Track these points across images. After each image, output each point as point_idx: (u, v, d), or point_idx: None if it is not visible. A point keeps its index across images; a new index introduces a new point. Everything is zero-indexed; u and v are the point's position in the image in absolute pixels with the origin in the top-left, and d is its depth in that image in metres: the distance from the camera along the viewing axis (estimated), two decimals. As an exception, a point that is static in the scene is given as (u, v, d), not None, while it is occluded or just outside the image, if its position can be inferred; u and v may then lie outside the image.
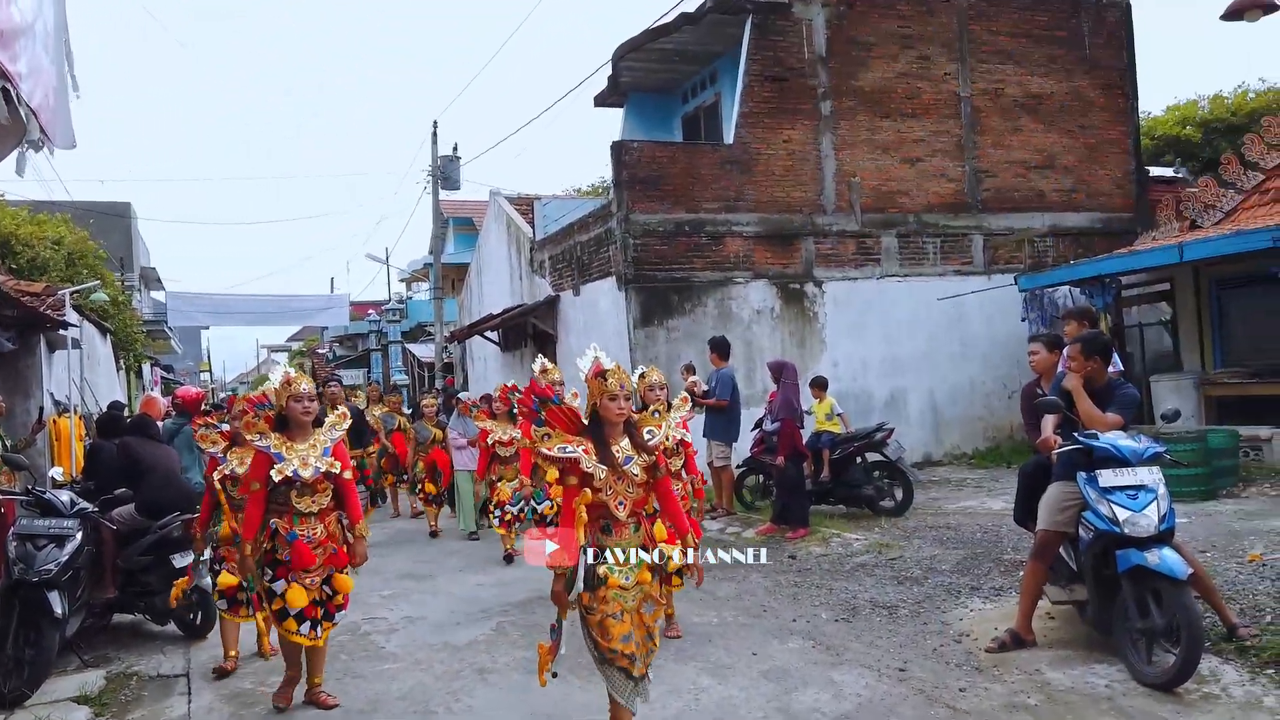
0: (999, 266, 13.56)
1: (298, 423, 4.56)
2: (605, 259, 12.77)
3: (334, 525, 4.65)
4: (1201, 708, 4.07)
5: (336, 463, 4.58)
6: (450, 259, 27.46)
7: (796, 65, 12.85)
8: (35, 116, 3.66)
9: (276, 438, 4.52)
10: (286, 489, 4.48)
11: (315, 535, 4.54)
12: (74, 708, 4.96)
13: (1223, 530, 7.25)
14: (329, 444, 4.62)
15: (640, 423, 3.89)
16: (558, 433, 3.75)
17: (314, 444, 4.57)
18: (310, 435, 4.59)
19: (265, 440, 4.49)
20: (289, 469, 4.43)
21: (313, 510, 4.55)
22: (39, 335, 10.11)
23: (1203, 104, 20.45)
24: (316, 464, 4.51)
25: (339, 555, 4.63)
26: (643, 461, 3.73)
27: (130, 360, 19.36)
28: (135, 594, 6.31)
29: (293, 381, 4.61)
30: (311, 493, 4.54)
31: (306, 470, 4.46)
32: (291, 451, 4.49)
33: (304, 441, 4.56)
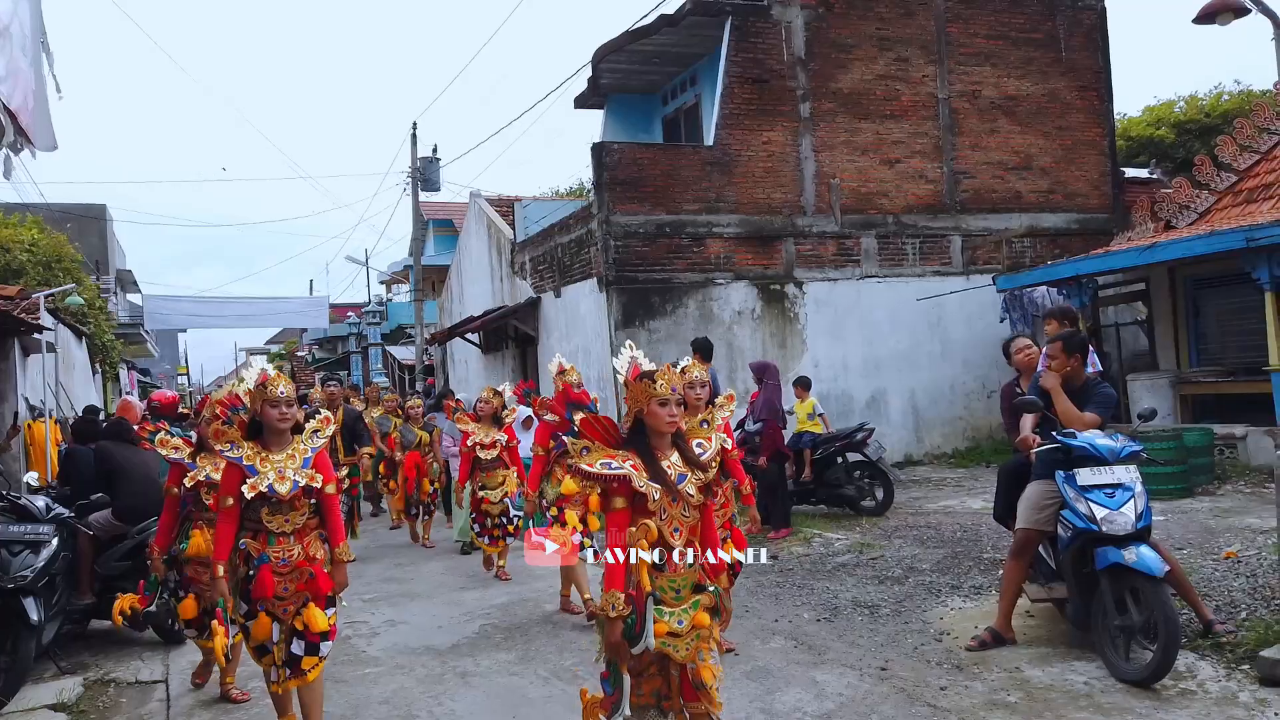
0: (977, 267, 13.66)
1: (274, 430, 4.02)
2: (586, 260, 12.77)
3: (314, 546, 4.08)
4: (1178, 703, 4.12)
5: (318, 475, 4.04)
6: (430, 261, 27.38)
7: (776, 67, 12.90)
8: (14, 119, 3.62)
9: (250, 447, 4.00)
10: (259, 505, 3.95)
11: (291, 558, 3.98)
12: (51, 715, 4.91)
13: (1198, 527, 7.34)
14: (309, 454, 4.07)
15: (689, 433, 3.40)
16: (597, 446, 3.20)
17: (292, 454, 4.02)
18: (288, 444, 4.05)
19: (237, 450, 3.98)
20: (263, 484, 3.91)
21: (288, 530, 4.00)
22: (13, 340, 10.01)
23: (1178, 105, 20.69)
24: (295, 477, 3.98)
25: (318, 581, 4.03)
26: (697, 480, 3.24)
27: (107, 365, 19.16)
28: (113, 600, 6.24)
29: (269, 383, 4.01)
30: (287, 510, 4.00)
31: (283, 485, 3.93)
32: (267, 463, 3.97)
33: (281, 451, 4.03)
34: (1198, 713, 4.00)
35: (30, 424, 9.92)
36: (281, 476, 3.96)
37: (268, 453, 4.01)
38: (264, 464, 3.97)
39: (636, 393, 3.25)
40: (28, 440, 9.74)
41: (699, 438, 3.40)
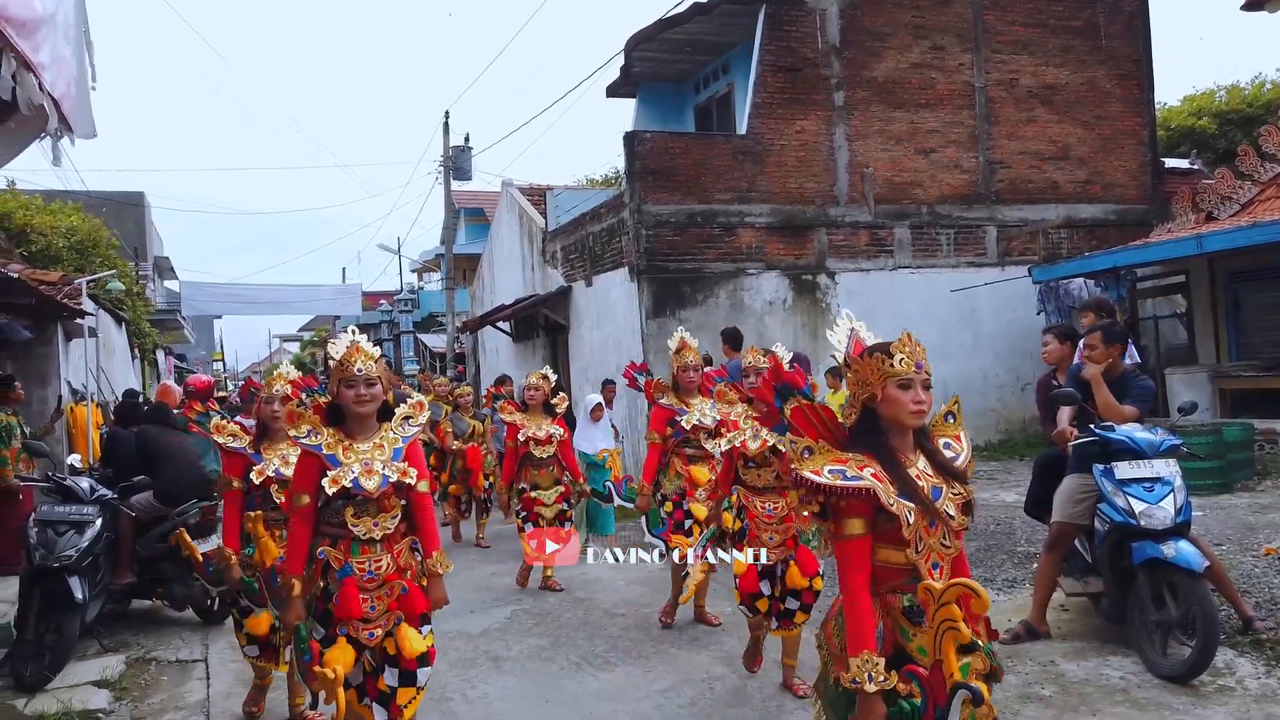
0: (1012, 258, 13.50)
1: (355, 415, 3.37)
2: (617, 249, 12.77)
3: (405, 556, 3.44)
4: (1217, 700, 4.07)
5: (410, 470, 3.37)
6: (462, 249, 27.51)
7: (810, 56, 12.80)
8: (58, 106, 3.68)
9: (330, 434, 3.36)
10: (342, 505, 3.33)
11: (379, 570, 3.33)
12: (95, 691, 5.03)
13: (1238, 523, 7.23)
14: (400, 444, 3.43)
15: (934, 431, 2.63)
16: (822, 447, 2.47)
17: (380, 444, 3.40)
18: (374, 432, 3.43)
19: (315, 437, 3.33)
20: (346, 477, 3.28)
21: (376, 536, 3.34)
22: (56, 324, 10.19)
23: (1219, 95, 20.31)
24: (384, 471, 3.33)
25: (411, 597, 3.39)
26: (956, 496, 2.49)
27: (145, 349, 19.48)
28: (153, 580, 6.38)
29: (348, 359, 3.34)
30: (375, 511, 3.35)
31: (370, 480, 3.29)
32: (350, 454, 3.34)
33: (366, 441, 3.39)
34: (1236, 710, 3.96)
35: (72, 407, 10.12)
36: (368, 470, 3.32)
37: (351, 441, 3.38)
38: (347, 454, 3.34)
39: (864, 373, 2.51)
40: (70, 423, 9.93)
41: (945, 435, 2.65)
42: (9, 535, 7.59)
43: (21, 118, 3.75)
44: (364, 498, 3.31)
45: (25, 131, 4.02)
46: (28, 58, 3.35)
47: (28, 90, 3.36)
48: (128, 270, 17.97)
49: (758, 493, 4.52)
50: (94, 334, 11.28)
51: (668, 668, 4.99)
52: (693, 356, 5.64)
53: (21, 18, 3.31)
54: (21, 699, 4.89)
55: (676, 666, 4.90)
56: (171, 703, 4.96)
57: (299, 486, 3.37)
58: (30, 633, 5.20)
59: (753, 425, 4.37)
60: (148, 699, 5.02)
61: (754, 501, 4.50)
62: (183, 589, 6.35)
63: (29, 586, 5.35)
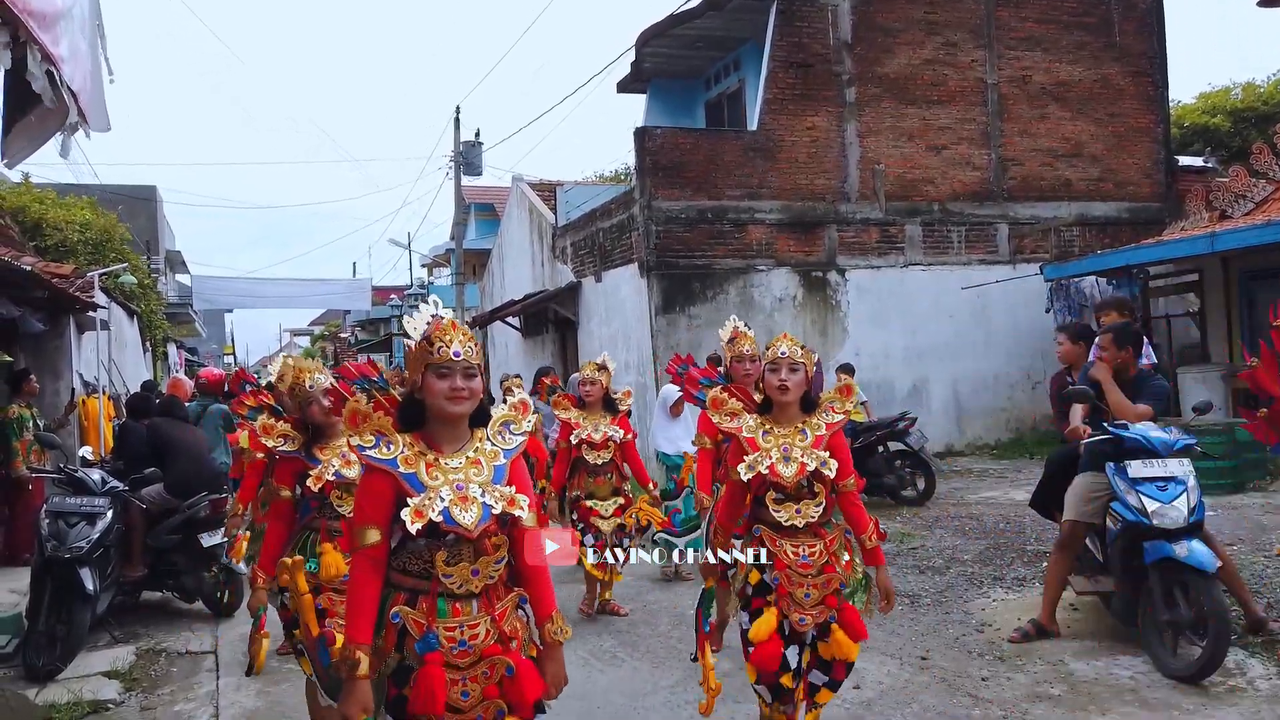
0: (1024, 256, 13.45)
1: (443, 417, 2.42)
2: (627, 245, 12.77)
3: (511, 619, 2.48)
4: (1227, 700, 4.05)
5: (520, 499, 2.44)
6: (472, 245, 27.54)
7: (821, 51, 12.76)
8: (76, 99, 3.70)
9: (407, 443, 2.41)
10: (426, 546, 2.35)
11: (476, 640, 2.37)
12: (105, 682, 5.05)
13: (1250, 524, 7.20)
14: (502, 459, 2.49)
15: None
16: None
17: (476, 458, 2.45)
18: (467, 442, 2.48)
19: (388, 448, 2.39)
20: (434, 508, 2.32)
21: (474, 589, 2.39)
22: (68, 317, 10.24)
23: (1234, 93, 20.17)
24: (485, 499, 2.39)
25: (520, 681, 2.41)
26: None
27: (157, 342, 19.58)
28: (164, 572, 6.41)
29: (440, 338, 2.41)
30: (473, 555, 2.39)
31: (467, 512, 2.35)
32: (437, 473, 2.38)
33: (457, 454, 2.44)
34: (1247, 710, 3.93)
35: (84, 399, 10.17)
36: (463, 497, 2.36)
37: (436, 455, 2.42)
38: (432, 473, 2.38)
39: None
40: (82, 415, 9.98)
41: None
42: (21, 527, 7.65)
43: (43, 111, 3.77)
44: (457, 536, 2.35)
45: (46, 125, 4.04)
46: (49, 51, 3.37)
47: (49, 83, 3.39)
48: (140, 264, 18.06)
49: (789, 534, 3.23)
50: (106, 327, 11.34)
51: (676, 664, 4.99)
52: (749, 345, 4.81)
53: (42, 11, 3.33)
54: (33, 689, 4.92)
55: (685, 663, 4.89)
56: (181, 694, 4.98)
57: (365, 517, 2.37)
58: (42, 623, 5.23)
59: (780, 442, 3.24)
60: (158, 690, 5.05)
61: (784, 547, 3.22)
62: (193, 581, 6.38)
63: (40, 577, 5.39)
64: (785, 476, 3.20)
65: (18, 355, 9.28)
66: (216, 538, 6.32)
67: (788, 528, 3.24)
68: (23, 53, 3.19)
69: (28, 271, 8.12)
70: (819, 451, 3.23)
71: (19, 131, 4.06)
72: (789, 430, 3.27)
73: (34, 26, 3.15)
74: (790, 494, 3.24)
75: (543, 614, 2.53)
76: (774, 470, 3.20)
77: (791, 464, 3.21)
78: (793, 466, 3.20)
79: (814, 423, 3.30)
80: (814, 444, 3.25)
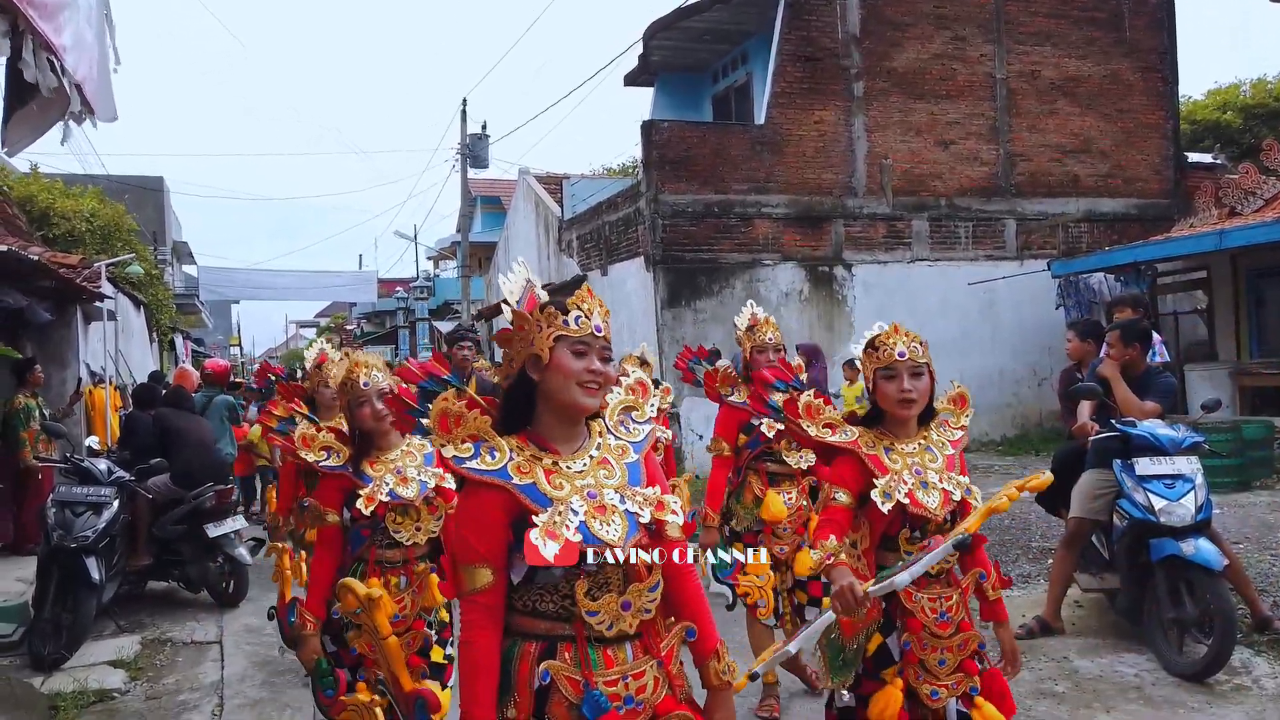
0: (1031, 252, 13.40)
1: (569, 410, 1.89)
2: (633, 239, 12.75)
3: (676, 669, 1.99)
4: (1232, 699, 4.04)
5: (669, 499, 1.94)
6: (478, 237, 27.54)
7: (829, 45, 12.72)
8: (79, 89, 3.70)
9: (516, 446, 1.88)
10: (563, 577, 1.82)
11: (644, 693, 1.88)
12: (110, 671, 5.07)
13: (1256, 522, 7.17)
14: (633, 456, 1.98)
15: None
16: None
17: (603, 456, 1.93)
18: (587, 440, 1.96)
19: (492, 456, 1.85)
20: (569, 525, 1.80)
21: (626, 627, 1.88)
22: (75, 307, 10.26)
23: (1244, 89, 20.08)
24: (627, 506, 1.87)
25: None
26: None
27: (163, 333, 19.62)
28: (169, 562, 6.43)
29: (574, 305, 1.88)
30: (621, 581, 1.88)
31: (609, 526, 1.83)
32: (560, 479, 1.86)
33: (578, 453, 1.92)
34: (1252, 709, 3.92)
35: (91, 389, 10.19)
36: (600, 507, 1.84)
37: (554, 457, 1.88)
38: (555, 481, 1.85)
39: None
40: (88, 405, 10.00)
41: None
42: (30, 516, 7.67)
43: (43, 100, 3.77)
44: (600, 560, 1.81)
45: (48, 114, 4.04)
46: (50, 40, 3.37)
47: (47, 73, 3.38)
48: (147, 254, 18.08)
49: (923, 583, 2.51)
50: (113, 317, 11.35)
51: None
52: (772, 334, 4.20)
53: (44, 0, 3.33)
54: (38, 677, 4.94)
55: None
56: (186, 684, 4.99)
57: (472, 554, 1.81)
58: (47, 612, 5.25)
59: (910, 464, 2.53)
60: (162, 680, 5.06)
61: (920, 601, 2.50)
62: (198, 571, 6.40)
63: (46, 566, 5.41)
64: (931, 508, 2.50)
65: (24, 345, 9.30)
66: (222, 528, 6.34)
67: (928, 575, 2.50)
68: (21, 42, 3.18)
69: (35, 261, 8.12)
70: (957, 476, 2.59)
71: (19, 120, 4.06)
72: (915, 449, 2.59)
73: (34, 16, 3.14)
74: (931, 531, 2.54)
75: (706, 650, 2.00)
76: (915, 499, 2.48)
77: (932, 492, 2.52)
78: (935, 495, 2.52)
79: (936, 439, 2.64)
80: (948, 466, 2.60)
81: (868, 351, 2.61)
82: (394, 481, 3.00)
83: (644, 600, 1.89)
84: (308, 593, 3.07)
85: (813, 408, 2.65)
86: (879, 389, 2.60)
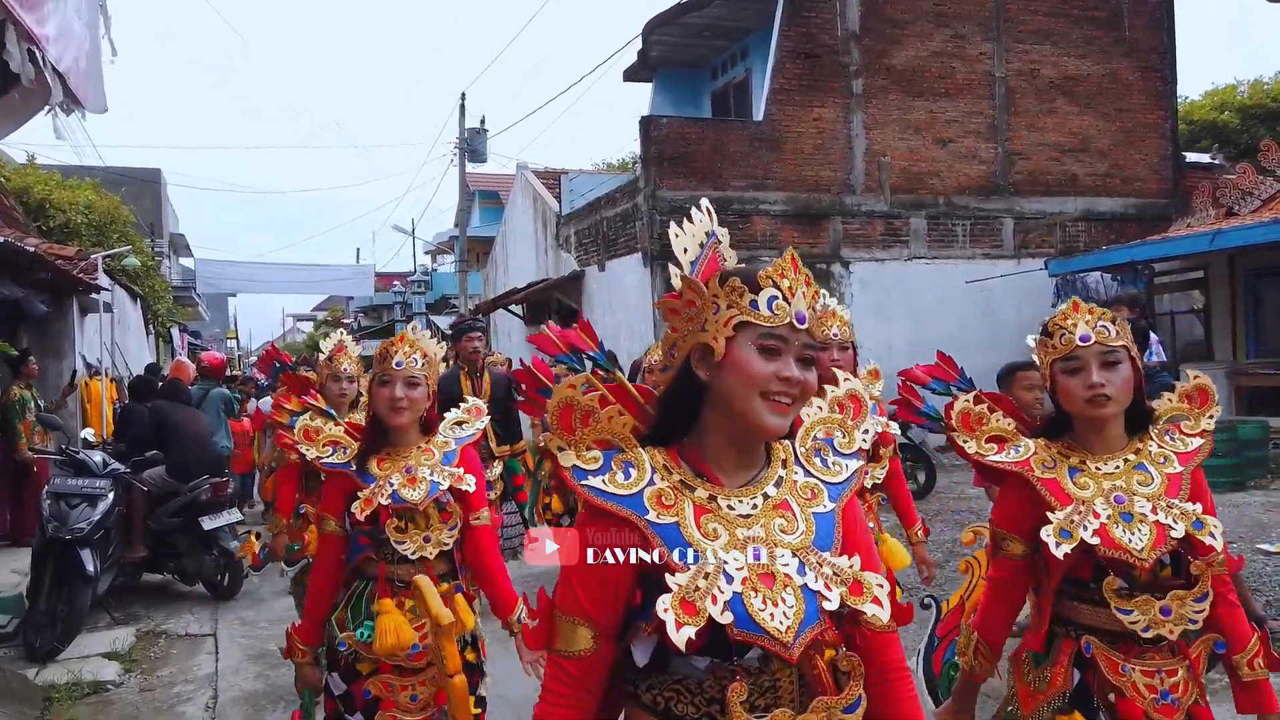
0: (1029, 251, 13.41)
1: (747, 432, 1.37)
2: (631, 235, 12.74)
3: None
4: (1225, 697, 4.03)
5: (871, 579, 1.34)
6: (476, 232, 27.52)
7: (829, 42, 12.71)
8: (63, 79, 3.68)
9: (663, 465, 1.38)
10: (715, 670, 1.30)
11: None
12: (105, 663, 5.07)
13: (1250, 522, 7.19)
14: (827, 504, 1.41)
15: None
16: None
17: (783, 501, 1.38)
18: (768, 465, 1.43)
19: (626, 474, 1.36)
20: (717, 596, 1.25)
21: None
22: (71, 298, 10.24)
23: (1242, 89, 20.10)
24: (807, 579, 1.31)
25: None
26: None
27: (160, 325, 19.59)
28: (165, 555, 6.43)
29: (775, 278, 1.42)
30: (793, 685, 1.32)
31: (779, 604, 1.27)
32: (716, 524, 1.33)
33: (744, 491, 1.38)
34: (1244, 708, 3.93)
35: (87, 381, 10.18)
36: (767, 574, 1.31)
37: (713, 490, 1.38)
38: (707, 527, 1.34)
39: None
40: (84, 397, 9.99)
41: None
42: (27, 507, 7.67)
43: (25, 89, 3.75)
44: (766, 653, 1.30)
45: (30, 104, 4.01)
46: (31, 30, 3.35)
47: (27, 63, 3.37)
48: (144, 247, 18.05)
49: (1137, 652, 1.89)
50: (109, 309, 11.34)
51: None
52: (839, 329, 3.60)
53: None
54: (32, 669, 4.94)
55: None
56: (180, 676, 5.00)
57: (574, 603, 1.38)
58: (42, 604, 5.25)
59: (1106, 487, 1.90)
60: (157, 672, 5.07)
61: (1132, 674, 1.87)
62: (193, 564, 6.41)
63: (41, 558, 5.41)
64: (1134, 549, 1.79)
65: (20, 336, 9.28)
66: (217, 521, 6.34)
67: (1136, 639, 1.85)
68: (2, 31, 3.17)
69: (31, 253, 8.11)
70: (1181, 503, 1.84)
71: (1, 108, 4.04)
72: (1118, 467, 1.92)
73: (14, 5, 3.13)
74: (1144, 580, 1.85)
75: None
76: (1108, 537, 1.81)
77: (1139, 526, 1.81)
78: (1142, 531, 1.81)
79: (1155, 451, 1.95)
80: (1168, 490, 1.87)
81: (1042, 340, 2.03)
82: (400, 482, 2.53)
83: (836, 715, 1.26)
84: (303, 612, 2.66)
85: (973, 416, 2.07)
86: (1060, 387, 1.96)
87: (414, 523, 2.55)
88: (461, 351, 5.73)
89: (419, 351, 2.60)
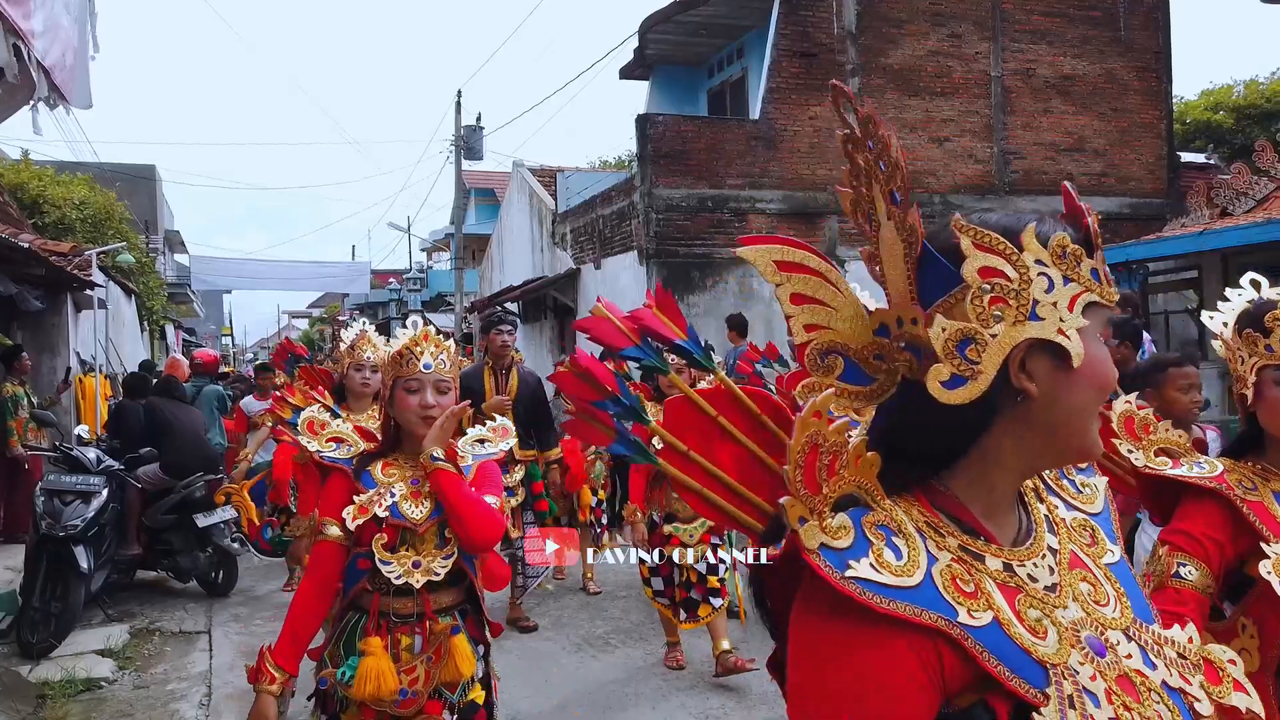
0: (1024, 250, 13.42)
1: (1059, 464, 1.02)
2: (627, 233, 12.74)
3: None
4: (1217, 696, 4.06)
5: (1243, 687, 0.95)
6: (472, 230, 27.49)
7: (825, 41, 12.71)
8: (47, 74, 3.67)
9: (924, 522, 0.88)
10: None
11: None
12: (99, 660, 5.07)
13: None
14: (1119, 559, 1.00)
15: None
16: None
17: (1072, 555, 0.97)
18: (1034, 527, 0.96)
19: (895, 555, 0.83)
20: None
21: None
22: (66, 295, 10.22)
23: (1237, 89, 20.15)
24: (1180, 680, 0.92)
25: None
26: None
27: (154, 322, 19.55)
28: (159, 552, 6.42)
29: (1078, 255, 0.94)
30: None
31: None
32: (1049, 625, 0.86)
33: (1026, 550, 0.93)
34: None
35: (81, 378, 10.16)
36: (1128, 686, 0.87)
37: (1004, 560, 0.90)
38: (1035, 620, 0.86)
39: None
40: (78, 394, 9.97)
41: None
42: (21, 504, 7.65)
43: (8, 84, 3.73)
44: None
45: (14, 98, 4.00)
46: (17, 25, 3.34)
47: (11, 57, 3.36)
48: (138, 243, 18.01)
49: None
50: (104, 306, 11.32)
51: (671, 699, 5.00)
52: None
53: (12, -15, 3.30)
54: (26, 666, 4.93)
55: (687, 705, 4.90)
56: (174, 673, 4.99)
57: None
58: (36, 601, 5.24)
59: None
60: (151, 669, 5.06)
61: None
62: (187, 561, 6.40)
63: (35, 555, 5.39)
64: None
65: (14, 332, 9.26)
66: (212, 518, 6.33)
67: None
68: None
69: (26, 249, 8.08)
70: None
71: None
72: None
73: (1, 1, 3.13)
74: None
75: None
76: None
77: None
78: None
79: None
80: None
81: (1249, 335, 1.61)
82: (402, 493, 2.23)
83: None
84: (281, 630, 2.20)
85: (1138, 421, 1.73)
86: (1267, 400, 1.58)
87: (406, 543, 2.25)
88: (490, 345, 5.40)
89: (444, 351, 2.35)
